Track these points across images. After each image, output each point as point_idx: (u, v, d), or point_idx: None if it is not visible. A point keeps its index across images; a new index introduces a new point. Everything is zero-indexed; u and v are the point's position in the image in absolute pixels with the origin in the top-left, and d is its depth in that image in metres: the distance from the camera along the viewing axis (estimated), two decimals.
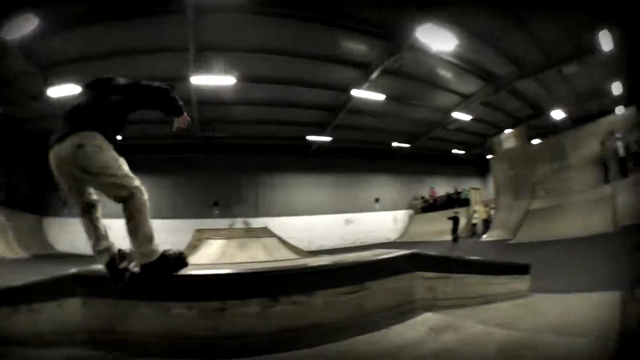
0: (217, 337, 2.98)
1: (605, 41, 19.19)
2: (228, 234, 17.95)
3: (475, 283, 5.21)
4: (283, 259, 15.60)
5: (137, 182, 3.38)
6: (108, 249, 3.49)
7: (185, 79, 16.92)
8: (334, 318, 3.22)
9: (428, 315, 3.78)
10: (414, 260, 4.16)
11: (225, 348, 2.93)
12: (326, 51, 18.23)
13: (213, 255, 15.35)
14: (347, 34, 17.01)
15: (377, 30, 17.11)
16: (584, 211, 19.96)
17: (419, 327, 3.43)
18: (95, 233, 3.57)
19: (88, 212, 3.57)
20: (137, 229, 3.31)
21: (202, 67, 16.74)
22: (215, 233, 17.96)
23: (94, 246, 3.53)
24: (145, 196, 3.38)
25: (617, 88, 27.82)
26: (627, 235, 14.51)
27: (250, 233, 18.79)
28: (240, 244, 16.41)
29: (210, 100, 20.17)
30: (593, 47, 20.21)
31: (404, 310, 3.76)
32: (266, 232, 19.23)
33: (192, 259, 14.89)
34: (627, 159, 20.58)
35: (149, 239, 3.31)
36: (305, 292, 3.17)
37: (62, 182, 3.40)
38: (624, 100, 29.67)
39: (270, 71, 18.89)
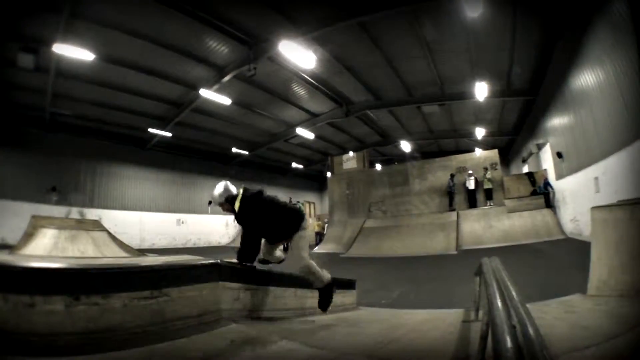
0: (26, 334, 2.83)
1: (480, 91, 20.62)
2: (61, 224, 17.16)
3: (292, 297, 5.20)
4: (107, 256, 15.19)
5: None
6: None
7: (49, 44, 15.56)
8: (133, 323, 3.12)
9: (234, 326, 3.77)
10: (217, 270, 4.14)
11: (32, 345, 2.79)
12: (187, 45, 17.70)
13: (47, 247, 14.67)
14: (212, 32, 16.58)
15: (241, 34, 16.85)
16: (425, 233, 21.37)
17: (221, 338, 3.39)
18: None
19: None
20: None
21: (69, 36, 15.55)
22: (50, 221, 17.22)
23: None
24: None
25: (479, 132, 29.90)
26: (467, 257, 15.74)
27: (82, 225, 18.06)
28: (71, 235, 15.84)
29: (67, 73, 18.65)
30: (468, 94, 21.80)
31: (208, 320, 3.73)
32: (97, 226, 18.59)
33: (27, 250, 14.14)
34: (476, 192, 22.97)
35: None
36: (103, 293, 3.02)
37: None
38: (484, 144, 32.06)
39: (128, 54, 17.89)
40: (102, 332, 2.96)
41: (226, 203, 5.77)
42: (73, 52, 15.83)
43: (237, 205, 5.65)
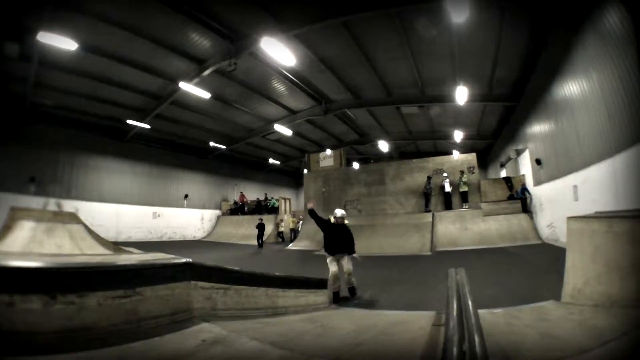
0: (8, 332, 2.82)
1: (461, 95, 20.83)
2: (39, 216, 17.01)
3: (263, 295, 5.24)
4: (84, 250, 15.08)
5: None
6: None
7: (33, 32, 15.21)
8: (108, 321, 3.14)
9: (205, 325, 3.81)
10: (189, 269, 4.15)
11: (14, 344, 2.79)
12: (169, 37, 17.67)
13: (24, 239, 14.55)
14: (194, 25, 16.55)
15: (223, 29, 16.86)
16: (400, 233, 21.65)
17: (193, 338, 3.43)
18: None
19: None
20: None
21: (54, 24, 15.27)
22: (28, 214, 17.08)
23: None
24: None
25: (457, 135, 29.95)
26: (441, 259, 16.25)
27: (59, 217, 17.92)
28: (48, 228, 15.71)
29: (50, 63, 18.50)
30: (449, 97, 22.07)
31: (180, 319, 3.75)
32: (74, 218, 18.43)
33: (6, 242, 14.01)
34: (452, 194, 23.21)
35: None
36: (79, 292, 3.03)
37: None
38: (463, 147, 32.34)
39: (109, 45, 17.85)
40: (78, 330, 2.97)
41: (342, 219, 10.60)
42: (57, 41, 15.67)
43: (347, 222, 10.75)
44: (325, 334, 4.73)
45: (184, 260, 4.11)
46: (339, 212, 10.78)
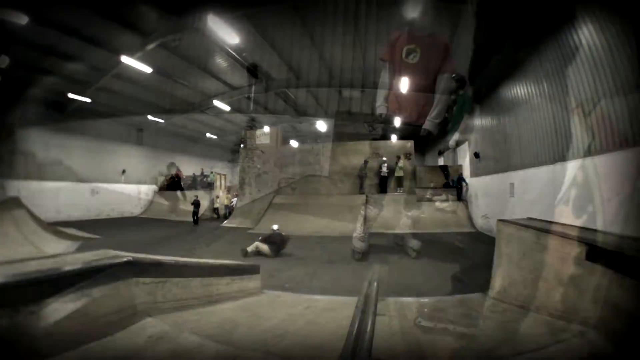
0: None
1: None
2: None
3: (198, 285, 5.44)
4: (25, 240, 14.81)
5: None
6: None
7: None
8: (67, 326, 3.28)
9: (149, 320, 4.04)
10: (130, 266, 4.28)
11: None
12: (116, 10, 17.29)
13: None
14: None
15: (172, 4, 16.76)
16: (334, 213, 21.74)
17: (140, 335, 3.65)
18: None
19: None
20: None
21: None
22: None
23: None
24: None
25: (398, 120, 30.35)
26: (373, 241, 16.30)
27: (3, 205, 17.48)
28: None
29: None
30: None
31: (126, 315, 3.89)
32: (17, 204, 17.99)
33: None
34: (387, 179, 23.44)
35: None
36: (38, 302, 3.17)
37: None
38: (402, 131, 32.87)
39: (57, 14, 17.32)
40: (41, 338, 3.07)
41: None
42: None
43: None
44: (256, 325, 4.91)
45: (125, 259, 4.26)
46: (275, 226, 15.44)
